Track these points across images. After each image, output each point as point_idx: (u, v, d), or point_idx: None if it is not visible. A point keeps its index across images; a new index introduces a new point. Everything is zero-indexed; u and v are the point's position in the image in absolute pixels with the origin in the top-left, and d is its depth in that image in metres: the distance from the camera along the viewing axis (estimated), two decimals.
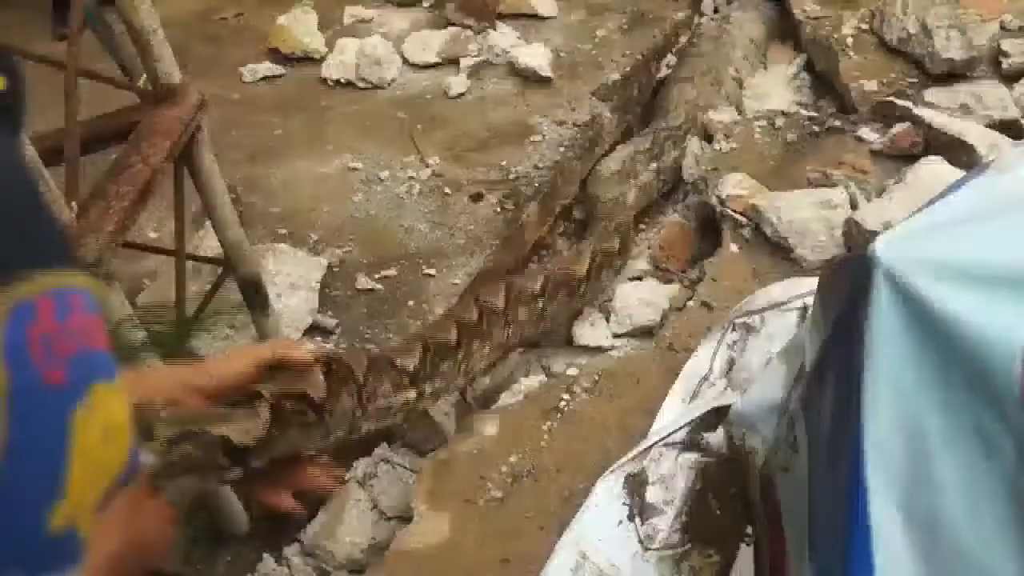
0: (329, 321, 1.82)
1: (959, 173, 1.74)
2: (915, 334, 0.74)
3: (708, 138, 2.34)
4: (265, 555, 1.49)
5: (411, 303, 1.90)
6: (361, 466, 1.69)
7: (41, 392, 0.39)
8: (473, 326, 1.54)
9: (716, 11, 3.00)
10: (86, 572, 0.50)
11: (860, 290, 0.80)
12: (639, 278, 2.14)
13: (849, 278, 0.84)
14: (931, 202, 0.89)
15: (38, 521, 0.40)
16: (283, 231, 2.13)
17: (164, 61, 1.25)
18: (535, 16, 2.84)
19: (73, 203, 1.01)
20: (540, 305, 1.73)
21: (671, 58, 2.75)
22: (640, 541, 1.28)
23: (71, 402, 0.41)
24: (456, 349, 1.46)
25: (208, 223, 1.96)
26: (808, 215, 1.77)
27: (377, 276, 1.95)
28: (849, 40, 2.44)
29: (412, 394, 1.26)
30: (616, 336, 1.89)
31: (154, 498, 0.64)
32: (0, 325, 0.37)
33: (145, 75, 1.73)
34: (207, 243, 1.96)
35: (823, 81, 2.52)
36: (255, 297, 1.58)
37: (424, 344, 1.35)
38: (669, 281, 2.10)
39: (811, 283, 1.58)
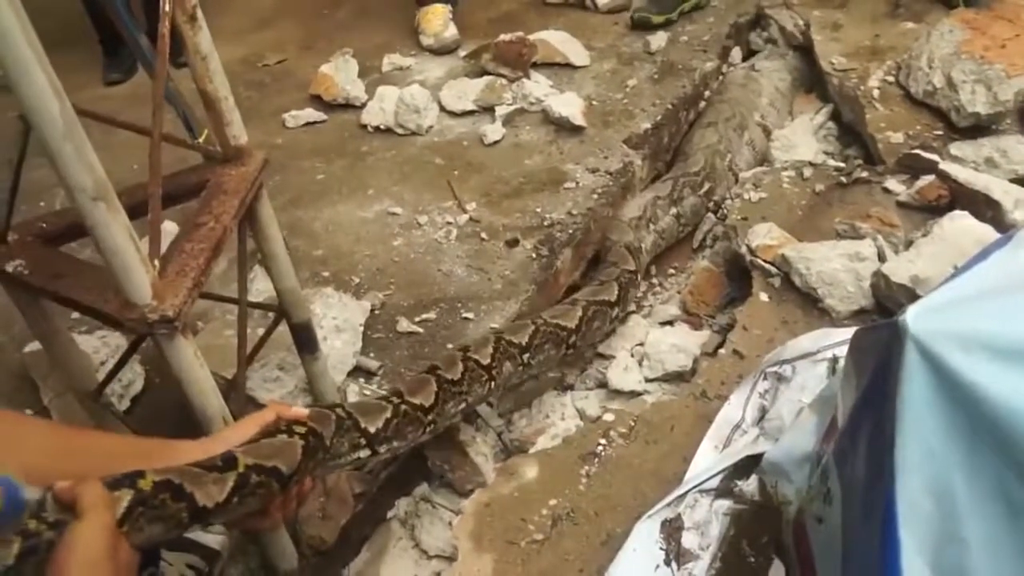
0: (372, 363, 1.90)
1: (984, 227, 1.79)
2: (943, 401, 0.80)
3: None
4: None
5: (450, 346, 1.97)
6: (402, 505, 1.75)
7: None
8: (454, 384, 1.55)
9: (744, 60, 3.09)
10: None
11: (891, 356, 0.86)
12: (670, 323, 2.21)
13: (880, 344, 0.90)
14: (958, 272, 0.95)
15: None
16: (326, 274, 2.21)
17: (234, 125, 1.34)
18: (568, 65, 2.94)
19: (155, 261, 1.10)
20: (526, 359, 1.73)
21: (701, 106, 2.83)
22: None
23: None
24: (428, 411, 1.47)
25: (257, 267, 2.06)
26: (837, 266, 1.83)
27: (417, 319, 2.02)
28: (875, 92, 2.51)
29: (366, 452, 1.31)
30: (648, 380, 1.95)
31: (126, 539, 0.79)
32: None
33: (207, 132, 1.84)
34: (256, 286, 2.05)
35: (849, 131, 2.59)
36: (306, 341, 1.65)
37: (395, 409, 1.39)
38: (699, 326, 2.17)
39: (840, 334, 1.64)
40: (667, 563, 1.35)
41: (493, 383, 1.65)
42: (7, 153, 1.18)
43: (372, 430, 1.31)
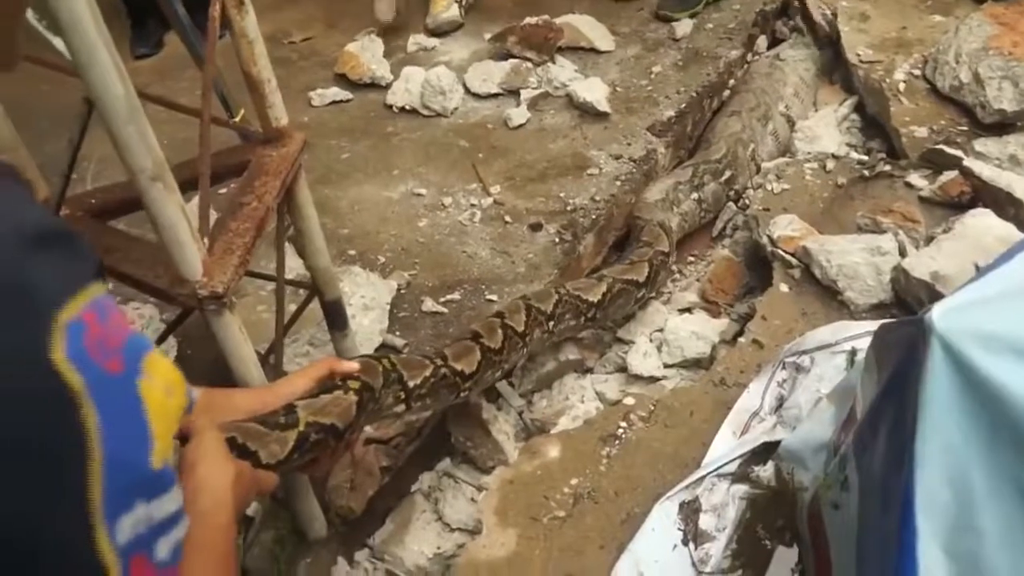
0: (398, 341, 1.94)
1: (1007, 226, 1.81)
2: (965, 397, 0.83)
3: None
4: (340, 559, 1.61)
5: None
6: (426, 479, 1.81)
7: (108, 380, 0.53)
8: (495, 353, 1.61)
9: (769, 49, 3.10)
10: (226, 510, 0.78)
11: (915, 352, 0.90)
12: (689, 310, 2.24)
13: (905, 340, 0.94)
14: (983, 271, 0.98)
15: (145, 465, 0.56)
16: (352, 252, 2.25)
17: (276, 107, 1.38)
18: (593, 50, 2.95)
19: (205, 239, 1.14)
20: (551, 326, 1.79)
21: (725, 95, 2.84)
22: (693, 564, 1.38)
23: (133, 377, 0.56)
24: (468, 378, 1.53)
25: (287, 244, 2.10)
26: (858, 260, 1.85)
27: (442, 300, 2.06)
28: (901, 85, 2.52)
29: (402, 408, 1.38)
30: (667, 366, 1.99)
31: None
32: (62, 342, 0.50)
33: (243, 112, 1.88)
34: (287, 264, 2.10)
35: (873, 124, 2.60)
36: (336, 318, 1.70)
37: (435, 370, 1.44)
38: (717, 315, 2.20)
39: (859, 327, 1.67)
40: (684, 543, 1.40)
41: (525, 350, 1.71)
42: (67, 132, 1.23)
43: (411, 385, 1.36)
